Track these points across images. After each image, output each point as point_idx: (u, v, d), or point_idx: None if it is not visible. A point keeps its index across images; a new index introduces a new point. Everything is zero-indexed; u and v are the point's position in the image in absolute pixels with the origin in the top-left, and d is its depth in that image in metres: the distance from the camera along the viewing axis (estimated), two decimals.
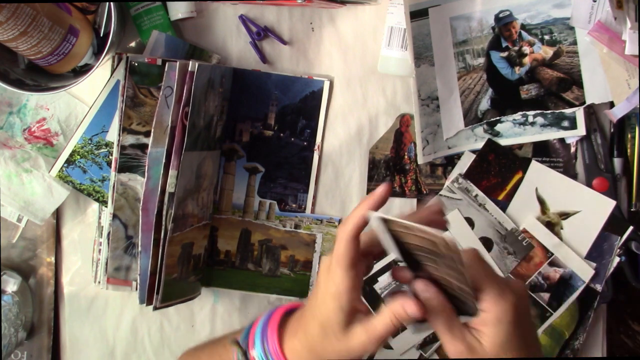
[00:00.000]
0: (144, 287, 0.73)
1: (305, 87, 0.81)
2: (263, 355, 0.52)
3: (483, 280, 0.45)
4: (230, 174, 0.82)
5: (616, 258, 0.79)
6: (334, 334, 0.48)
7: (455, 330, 0.46)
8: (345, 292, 0.46)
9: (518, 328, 0.46)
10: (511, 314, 0.45)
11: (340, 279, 0.46)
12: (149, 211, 0.71)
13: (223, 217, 0.83)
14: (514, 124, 0.80)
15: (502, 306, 0.45)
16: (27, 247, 0.82)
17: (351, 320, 0.48)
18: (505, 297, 0.45)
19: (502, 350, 0.46)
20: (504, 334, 0.45)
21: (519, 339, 0.46)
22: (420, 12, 0.79)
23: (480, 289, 0.45)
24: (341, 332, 0.48)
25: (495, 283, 0.45)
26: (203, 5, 0.80)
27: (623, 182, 0.81)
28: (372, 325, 0.47)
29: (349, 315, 0.47)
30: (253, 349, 0.53)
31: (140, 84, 0.73)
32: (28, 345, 0.82)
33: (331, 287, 0.47)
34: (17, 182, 0.79)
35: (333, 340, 0.48)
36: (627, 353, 0.86)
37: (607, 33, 0.75)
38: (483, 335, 0.46)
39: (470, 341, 0.46)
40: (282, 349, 0.52)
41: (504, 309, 0.45)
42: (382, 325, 0.47)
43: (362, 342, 0.47)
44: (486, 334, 0.46)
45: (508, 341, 0.45)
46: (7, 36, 0.66)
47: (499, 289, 0.45)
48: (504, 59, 0.80)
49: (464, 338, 0.46)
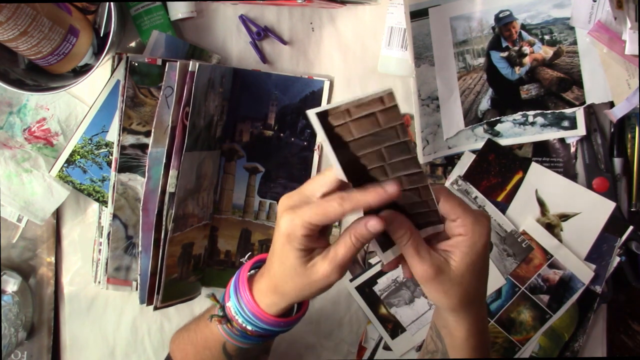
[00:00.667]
0: (144, 287, 0.73)
1: (305, 87, 0.81)
2: (237, 303, 0.54)
3: (457, 209, 0.49)
4: (230, 174, 0.82)
5: (616, 258, 0.79)
6: (294, 270, 0.49)
7: (422, 252, 0.49)
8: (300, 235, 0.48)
9: (485, 252, 0.50)
10: (484, 238, 0.49)
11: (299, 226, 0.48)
12: (149, 211, 0.71)
13: (223, 217, 0.83)
14: (514, 124, 0.80)
15: (478, 231, 0.49)
16: (27, 247, 0.82)
17: (309, 257, 0.49)
18: (481, 222, 0.49)
19: (467, 271, 0.49)
20: (475, 256, 0.49)
21: (483, 261, 0.50)
22: (420, 12, 0.79)
23: (456, 217, 0.49)
24: (301, 268, 0.49)
25: (470, 211, 0.49)
26: (203, 5, 0.80)
27: (623, 182, 0.81)
28: (332, 253, 0.48)
29: (306, 253, 0.49)
30: (229, 300, 0.55)
31: (141, 84, 0.73)
32: (28, 345, 0.82)
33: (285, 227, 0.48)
34: (17, 182, 0.79)
35: (294, 276, 0.50)
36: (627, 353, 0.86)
37: (607, 33, 0.75)
38: (453, 256, 0.49)
39: (437, 262, 0.49)
40: (252, 293, 0.54)
41: (480, 233, 0.49)
42: (343, 249, 0.48)
43: (324, 272, 0.48)
44: (457, 255, 0.49)
45: (475, 261, 0.49)
46: (8, 36, 0.66)
47: (474, 215, 0.49)
48: (504, 59, 0.80)
49: (431, 259, 0.49)
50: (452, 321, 0.53)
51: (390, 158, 0.46)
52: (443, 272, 0.49)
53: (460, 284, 0.49)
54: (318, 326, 0.84)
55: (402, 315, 0.82)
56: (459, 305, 0.51)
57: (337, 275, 0.49)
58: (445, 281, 0.49)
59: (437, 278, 0.49)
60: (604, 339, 0.82)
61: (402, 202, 0.49)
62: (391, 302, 0.82)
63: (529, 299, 0.80)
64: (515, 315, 0.80)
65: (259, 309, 0.53)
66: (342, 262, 0.48)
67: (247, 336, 0.55)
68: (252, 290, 0.54)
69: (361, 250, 0.83)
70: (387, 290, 0.82)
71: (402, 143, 0.44)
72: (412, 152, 0.45)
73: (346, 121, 0.43)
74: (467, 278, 0.49)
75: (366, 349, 0.84)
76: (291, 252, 0.49)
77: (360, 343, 0.84)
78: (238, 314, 0.54)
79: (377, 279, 0.82)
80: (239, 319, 0.54)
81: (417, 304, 0.82)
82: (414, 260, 0.49)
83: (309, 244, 0.48)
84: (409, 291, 0.82)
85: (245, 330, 0.55)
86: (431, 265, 0.48)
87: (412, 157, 0.45)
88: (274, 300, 0.52)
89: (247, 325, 0.54)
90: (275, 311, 0.53)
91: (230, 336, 0.56)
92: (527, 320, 0.80)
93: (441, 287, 0.49)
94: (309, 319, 0.84)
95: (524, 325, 0.80)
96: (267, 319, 0.53)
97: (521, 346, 0.80)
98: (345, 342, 0.85)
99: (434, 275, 0.48)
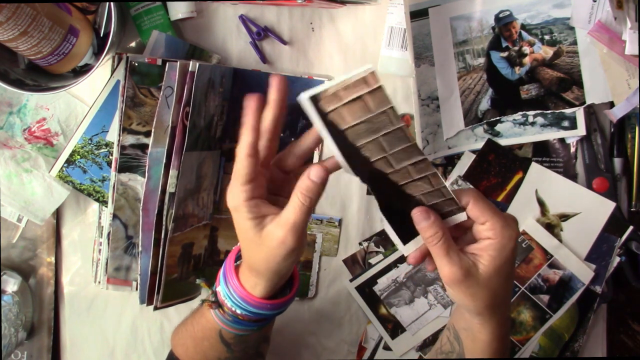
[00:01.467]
0: (144, 287, 0.73)
1: (305, 87, 0.80)
2: (225, 287, 0.55)
3: (487, 212, 0.49)
4: (230, 174, 0.82)
5: (616, 258, 0.79)
6: (252, 242, 0.50)
7: (452, 254, 0.49)
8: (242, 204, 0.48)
9: (513, 255, 0.50)
10: (513, 242, 0.49)
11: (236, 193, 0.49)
12: (149, 211, 0.71)
13: (223, 217, 0.83)
14: (514, 124, 0.80)
15: (507, 234, 0.49)
16: (27, 247, 0.82)
17: (261, 225, 0.49)
18: (510, 226, 0.49)
19: (495, 275, 0.49)
20: (504, 259, 0.49)
21: (510, 265, 0.50)
22: (420, 12, 0.79)
23: (485, 220, 0.49)
24: (256, 237, 0.49)
25: (499, 214, 0.49)
26: (203, 5, 0.80)
27: (623, 182, 0.81)
28: (283, 217, 0.49)
29: (257, 222, 0.49)
30: (218, 286, 0.56)
31: (141, 84, 0.73)
32: (28, 345, 0.82)
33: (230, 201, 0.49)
34: (17, 182, 0.79)
35: (255, 248, 0.50)
36: (627, 353, 0.86)
37: (607, 33, 0.75)
38: (481, 259, 0.49)
39: (466, 265, 0.49)
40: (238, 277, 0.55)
41: (509, 237, 0.49)
42: (292, 210, 0.48)
43: (278, 237, 0.48)
44: (486, 258, 0.49)
45: (503, 265, 0.49)
46: (8, 36, 0.66)
47: (504, 219, 0.49)
48: (504, 59, 0.80)
49: (460, 262, 0.49)
50: (476, 324, 0.53)
51: (391, 148, 0.46)
52: (471, 275, 0.49)
53: (488, 288, 0.49)
54: (318, 326, 0.84)
55: (402, 315, 0.82)
56: (486, 308, 0.51)
57: (293, 239, 0.48)
58: (473, 284, 0.49)
59: (466, 281, 0.49)
60: (604, 339, 0.83)
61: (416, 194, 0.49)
62: (391, 302, 0.82)
63: (529, 299, 0.80)
64: (515, 315, 0.80)
65: (245, 291, 0.54)
66: (295, 223, 0.48)
67: (239, 321, 0.56)
68: (239, 275, 0.55)
69: (361, 250, 0.83)
70: (387, 290, 0.82)
71: (398, 130, 0.45)
72: (410, 140, 0.45)
73: (337, 106, 0.43)
74: (495, 282, 0.49)
75: (366, 349, 0.84)
76: (244, 223, 0.49)
77: (360, 343, 0.84)
78: (227, 297, 0.55)
79: (377, 279, 0.82)
80: (228, 302, 0.55)
81: (417, 304, 0.82)
82: (443, 262, 0.49)
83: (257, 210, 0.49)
84: (409, 291, 0.82)
85: (235, 315, 0.55)
86: (460, 267, 0.48)
87: (412, 144, 0.46)
88: (254, 280, 0.53)
89: (236, 309, 0.55)
90: (260, 292, 0.53)
91: (223, 322, 0.56)
92: (527, 320, 0.80)
93: (469, 290, 0.49)
94: (309, 319, 0.84)
95: (524, 325, 0.80)
96: (253, 301, 0.54)
97: (521, 346, 0.80)
98: (345, 342, 0.85)
99: (462, 278, 0.48)
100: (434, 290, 0.81)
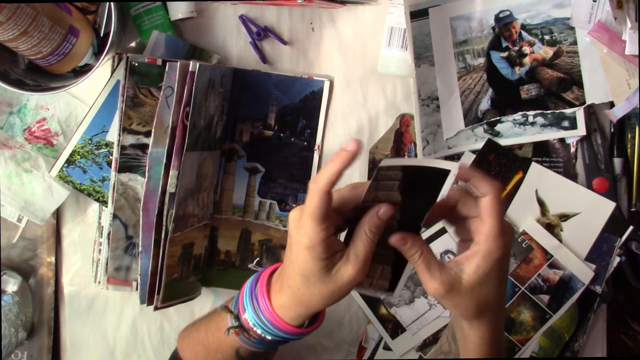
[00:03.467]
0: (144, 287, 0.73)
1: (305, 87, 0.81)
2: (255, 315, 0.54)
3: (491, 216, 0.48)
4: (230, 174, 0.82)
5: (616, 258, 0.79)
6: (319, 280, 0.49)
7: (433, 269, 0.49)
8: (319, 243, 0.47)
9: (501, 266, 0.49)
10: (501, 252, 0.48)
11: (312, 231, 0.47)
12: (149, 211, 0.71)
13: (223, 217, 0.83)
14: (514, 124, 0.80)
15: (497, 242, 0.48)
16: (27, 247, 0.82)
17: (332, 264, 0.49)
18: (504, 234, 0.48)
19: (480, 284, 0.48)
20: (488, 268, 0.48)
21: (498, 275, 0.49)
22: (420, 12, 0.79)
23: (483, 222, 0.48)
24: (326, 277, 0.49)
25: (500, 222, 0.48)
26: (203, 5, 0.80)
27: (623, 182, 0.81)
28: (352, 254, 0.48)
29: (328, 261, 0.48)
30: (244, 312, 0.55)
31: (141, 84, 0.73)
32: (28, 345, 0.82)
33: (303, 239, 0.48)
34: (17, 182, 0.79)
35: (319, 286, 0.49)
36: (627, 353, 0.86)
37: (607, 33, 0.75)
38: (466, 268, 0.48)
39: (448, 279, 0.48)
40: (273, 308, 0.53)
41: (498, 245, 0.48)
42: (362, 246, 0.48)
43: (350, 275, 0.48)
44: (471, 267, 0.48)
45: (488, 275, 0.48)
46: (8, 36, 0.66)
47: (501, 227, 0.48)
48: (504, 59, 0.80)
49: (441, 277, 0.48)
50: (466, 327, 0.54)
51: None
52: (453, 288, 0.49)
53: (470, 297, 0.49)
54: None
55: (402, 315, 0.82)
56: (471, 314, 0.51)
57: (362, 274, 0.49)
58: (455, 296, 0.49)
59: (448, 294, 0.49)
60: (604, 339, 0.82)
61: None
62: (391, 302, 0.82)
63: (529, 299, 0.80)
64: (515, 315, 0.80)
65: (283, 323, 0.53)
66: (364, 259, 0.48)
67: (264, 343, 0.55)
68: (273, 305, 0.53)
69: None
70: None
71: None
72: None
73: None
74: (480, 291, 0.49)
75: (366, 349, 0.84)
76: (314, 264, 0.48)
77: (360, 343, 0.84)
78: (257, 325, 0.54)
79: None
80: (257, 330, 0.54)
81: (417, 304, 0.82)
82: (425, 277, 0.49)
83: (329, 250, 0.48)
84: (409, 291, 0.82)
85: (263, 339, 0.55)
86: (441, 282, 0.48)
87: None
88: (299, 313, 0.52)
89: (266, 335, 0.54)
90: (299, 322, 0.53)
91: (246, 343, 0.56)
92: (527, 321, 0.80)
93: (452, 301, 0.50)
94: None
95: (524, 325, 0.80)
96: (291, 331, 0.53)
97: (521, 346, 0.80)
98: (345, 342, 0.85)
99: (443, 292, 0.49)
100: None
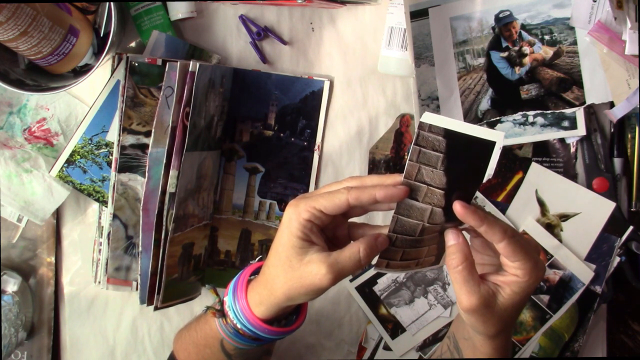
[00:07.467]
0: (144, 287, 0.73)
1: (305, 87, 0.81)
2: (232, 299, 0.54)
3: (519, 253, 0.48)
4: (230, 174, 0.82)
5: (616, 258, 0.79)
6: (288, 261, 0.48)
7: (472, 283, 0.48)
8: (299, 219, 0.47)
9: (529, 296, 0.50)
10: (537, 283, 0.50)
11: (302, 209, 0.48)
12: (149, 211, 0.71)
13: (223, 217, 0.83)
14: (514, 124, 0.80)
15: (535, 276, 0.49)
16: (27, 247, 0.82)
17: (304, 250, 0.48)
18: (538, 269, 0.49)
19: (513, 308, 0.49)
20: (524, 297, 0.49)
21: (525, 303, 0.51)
22: (420, 12, 0.79)
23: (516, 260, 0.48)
24: (295, 260, 0.48)
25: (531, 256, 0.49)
26: (203, 5, 0.80)
27: (623, 182, 0.81)
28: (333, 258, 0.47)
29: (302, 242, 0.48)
30: (226, 296, 0.56)
31: (141, 84, 0.73)
32: (28, 345, 0.82)
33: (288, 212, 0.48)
34: (17, 182, 0.79)
35: (287, 269, 0.49)
36: (627, 353, 0.86)
37: (607, 33, 0.75)
38: (502, 292, 0.49)
39: (485, 295, 0.48)
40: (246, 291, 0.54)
41: (535, 278, 0.49)
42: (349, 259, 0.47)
43: (318, 273, 0.47)
44: (507, 292, 0.49)
45: (522, 301, 0.50)
46: (8, 36, 0.66)
47: (535, 262, 0.49)
48: (504, 59, 0.80)
49: (479, 292, 0.48)
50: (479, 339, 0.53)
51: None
52: (489, 306, 0.48)
53: (501, 318, 0.49)
54: (318, 326, 0.84)
55: (402, 315, 0.82)
56: (494, 332, 0.51)
57: (330, 282, 0.47)
58: (488, 313, 0.49)
59: (482, 310, 0.48)
60: (604, 339, 0.83)
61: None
62: (391, 302, 0.82)
63: (529, 299, 0.80)
64: None
65: (248, 308, 0.53)
66: (342, 271, 0.47)
67: (239, 335, 0.55)
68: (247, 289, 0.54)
69: None
70: (387, 290, 0.82)
71: None
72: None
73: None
74: (510, 313, 0.50)
75: (366, 349, 0.84)
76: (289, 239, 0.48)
77: (360, 343, 0.84)
78: (231, 309, 0.54)
79: (377, 279, 0.82)
80: (230, 314, 0.54)
81: (417, 304, 0.82)
82: (462, 290, 0.48)
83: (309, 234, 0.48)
84: (409, 291, 0.82)
85: (236, 329, 0.55)
86: (479, 298, 0.48)
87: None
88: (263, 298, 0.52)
89: (237, 322, 0.54)
90: (262, 312, 0.52)
91: (225, 333, 0.56)
92: (527, 321, 0.80)
93: (482, 318, 0.49)
94: (309, 319, 0.84)
95: (524, 326, 0.80)
96: (254, 321, 0.53)
97: (521, 346, 0.80)
98: (345, 342, 0.85)
99: (478, 308, 0.48)
100: (434, 291, 0.81)
